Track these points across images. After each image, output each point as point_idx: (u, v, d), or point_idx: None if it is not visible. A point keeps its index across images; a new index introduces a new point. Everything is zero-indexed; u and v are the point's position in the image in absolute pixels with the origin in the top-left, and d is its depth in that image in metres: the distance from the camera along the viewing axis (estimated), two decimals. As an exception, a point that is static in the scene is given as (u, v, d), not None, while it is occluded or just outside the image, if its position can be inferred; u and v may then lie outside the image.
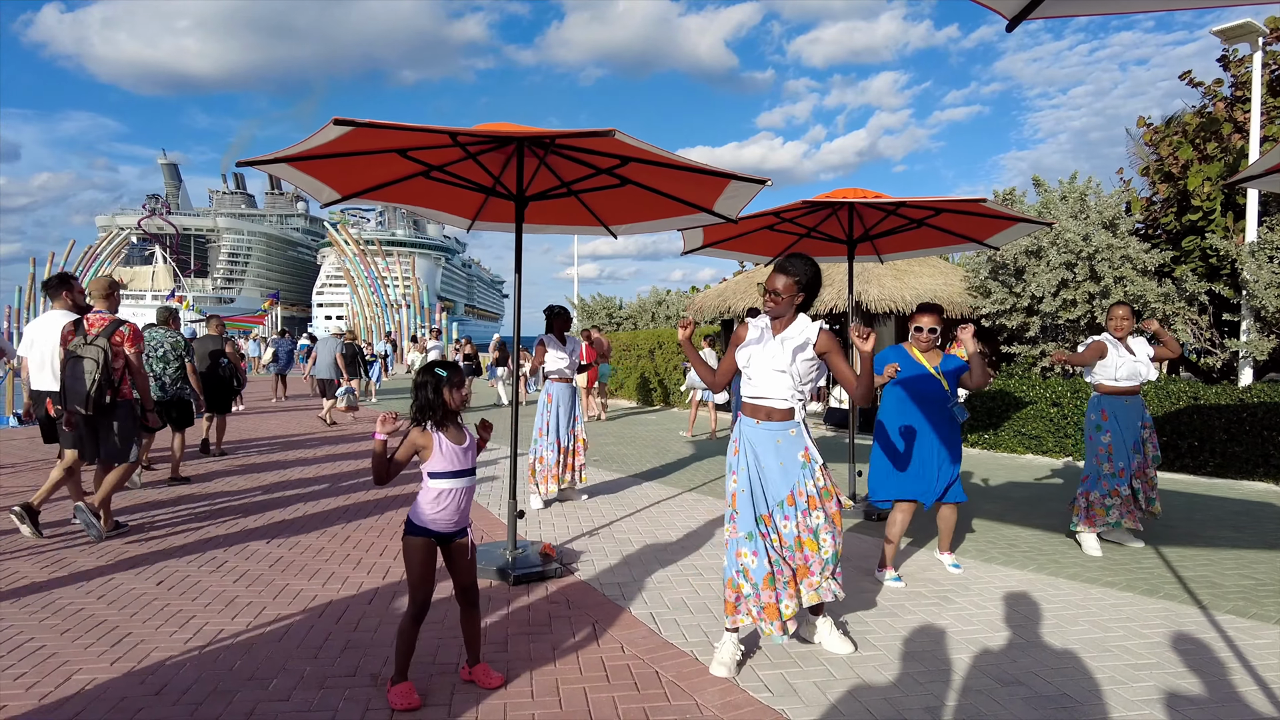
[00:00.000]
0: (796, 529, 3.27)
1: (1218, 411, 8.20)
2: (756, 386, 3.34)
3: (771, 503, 3.29)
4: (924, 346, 4.60)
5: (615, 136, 3.49)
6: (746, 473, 3.29)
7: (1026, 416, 9.76)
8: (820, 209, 6.01)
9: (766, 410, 3.32)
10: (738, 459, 3.34)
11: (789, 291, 3.28)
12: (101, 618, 3.81)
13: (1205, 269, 10.75)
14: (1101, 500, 5.21)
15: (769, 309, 3.34)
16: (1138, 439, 5.28)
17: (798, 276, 3.28)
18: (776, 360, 3.27)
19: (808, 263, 3.32)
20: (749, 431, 3.35)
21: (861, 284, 12.53)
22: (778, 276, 3.30)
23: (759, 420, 3.33)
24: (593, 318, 24.27)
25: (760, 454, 3.30)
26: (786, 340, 3.29)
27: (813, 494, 3.28)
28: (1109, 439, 5.24)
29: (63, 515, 5.83)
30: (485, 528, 5.75)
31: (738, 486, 3.30)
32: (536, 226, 5.86)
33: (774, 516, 3.29)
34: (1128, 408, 5.25)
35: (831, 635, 3.51)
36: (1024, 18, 2.15)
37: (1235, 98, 11.45)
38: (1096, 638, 3.67)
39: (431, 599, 2.98)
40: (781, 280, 3.29)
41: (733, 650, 3.28)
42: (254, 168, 4.07)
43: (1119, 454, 5.20)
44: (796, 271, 3.29)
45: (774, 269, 3.34)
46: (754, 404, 3.35)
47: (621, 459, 9.31)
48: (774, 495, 3.29)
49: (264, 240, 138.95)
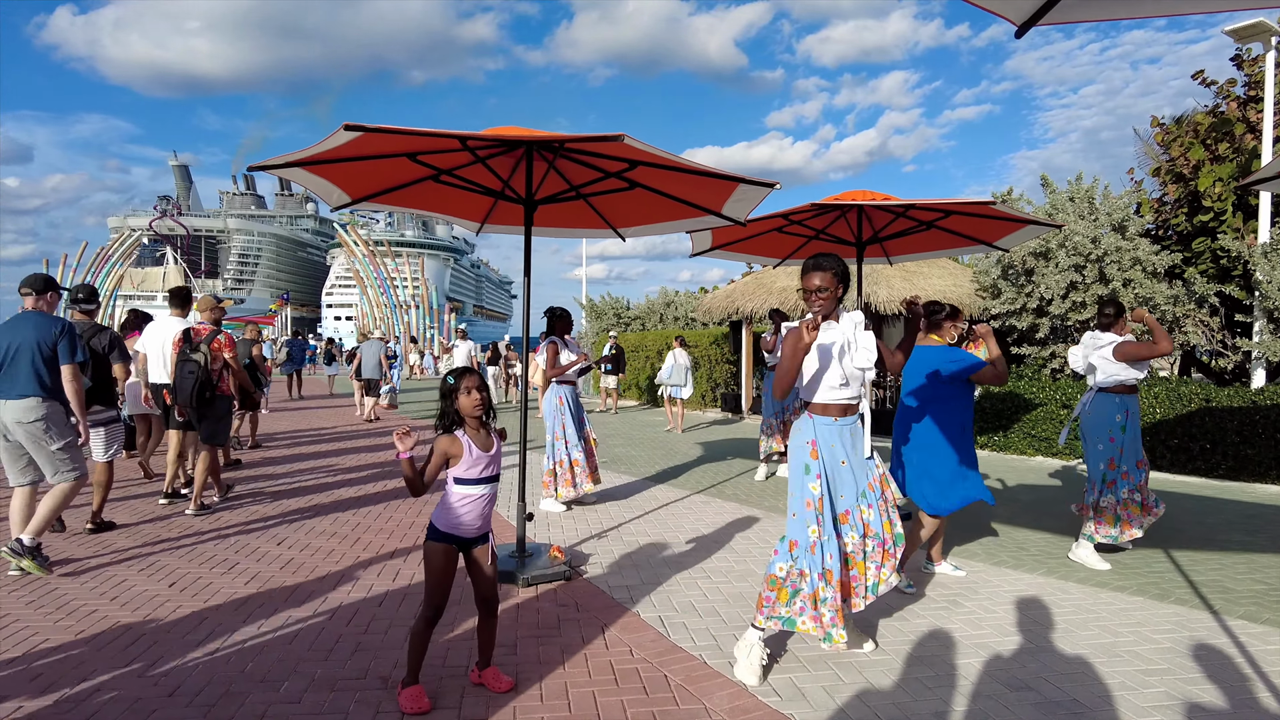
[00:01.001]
0: (883, 512, 3.37)
1: (1230, 414, 8.15)
2: (844, 387, 3.32)
3: (855, 496, 3.33)
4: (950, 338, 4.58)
5: (624, 141, 3.50)
6: (826, 474, 3.30)
7: (1036, 418, 9.72)
8: (829, 211, 6.00)
9: (843, 407, 3.35)
10: (818, 462, 3.30)
11: (832, 285, 3.28)
12: (115, 618, 3.85)
13: (1216, 270, 10.68)
14: (1115, 506, 5.02)
15: (819, 308, 3.30)
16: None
17: (835, 269, 3.29)
18: (861, 357, 3.28)
19: (836, 258, 3.33)
20: (827, 431, 3.33)
21: (871, 285, 12.50)
22: (816, 275, 3.28)
23: (836, 417, 3.34)
24: (601, 318, 24.29)
25: (840, 449, 3.32)
26: (860, 335, 3.31)
27: (878, 477, 3.43)
28: (1126, 438, 5.06)
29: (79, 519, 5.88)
30: (495, 530, 5.76)
31: (821, 490, 3.27)
32: (545, 230, 5.88)
33: (853, 511, 3.32)
34: (1138, 405, 5.21)
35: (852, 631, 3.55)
36: (1033, 24, 2.16)
37: (1248, 97, 11.38)
38: (1107, 643, 3.66)
39: (446, 604, 2.99)
40: (821, 277, 3.27)
41: (761, 654, 3.28)
42: (266, 171, 4.10)
43: (1128, 455, 5.08)
44: (832, 265, 3.29)
45: (809, 269, 3.31)
46: (833, 404, 3.34)
47: (630, 461, 9.32)
48: (859, 486, 3.34)
49: (274, 241, 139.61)
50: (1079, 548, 5.08)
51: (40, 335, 4.61)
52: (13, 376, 4.54)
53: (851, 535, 3.31)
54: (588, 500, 6.84)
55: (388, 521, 6.01)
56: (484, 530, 3.04)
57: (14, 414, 4.53)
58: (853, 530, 3.31)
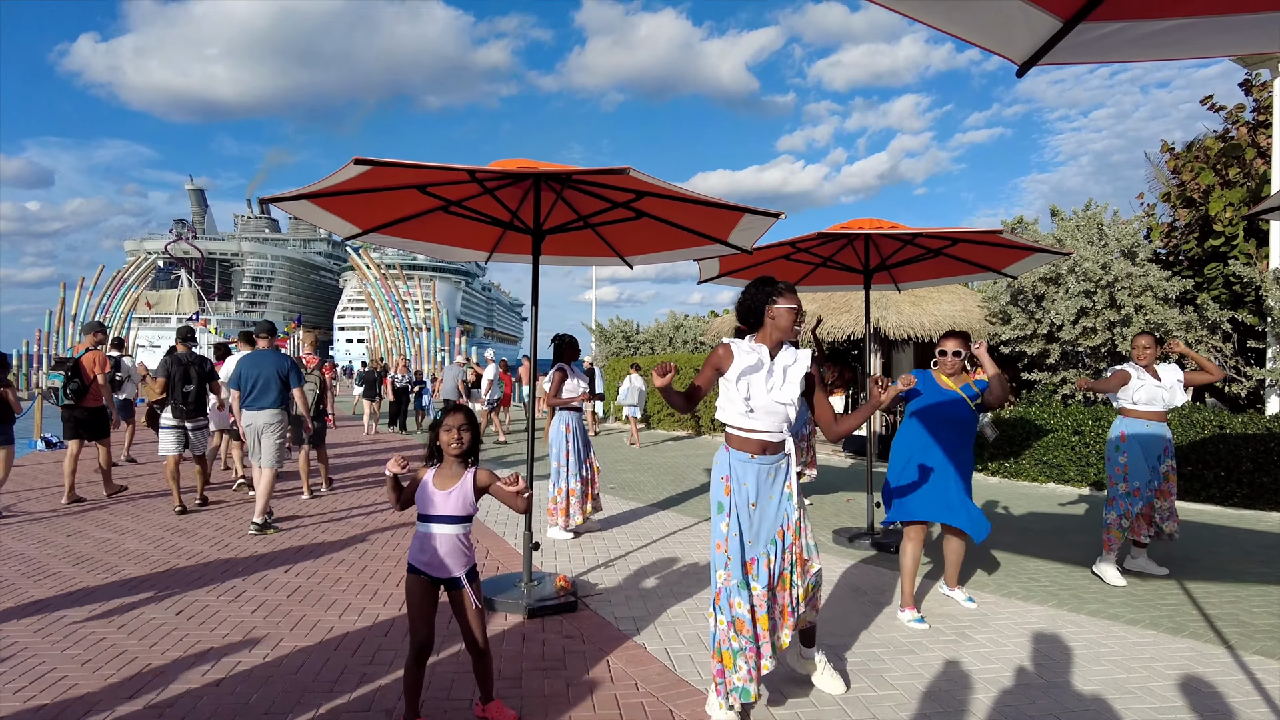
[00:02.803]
0: (785, 564, 3.10)
1: (1244, 441, 8.06)
2: (757, 419, 3.07)
3: (764, 541, 3.08)
4: (949, 371, 4.60)
5: (630, 174, 3.54)
6: (737, 514, 3.07)
7: (1047, 445, 9.64)
8: (836, 239, 6.02)
9: (762, 444, 3.10)
10: (729, 499, 3.08)
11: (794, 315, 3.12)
12: (122, 648, 3.85)
13: (1228, 296, 10.62)
14: (1118, 521, 5.34)
15: (792, 334, 3.14)
16: (1156, 464, 5.30)
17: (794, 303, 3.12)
18: (779, 392, 3.07)
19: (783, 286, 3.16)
20: (740, 468, 3.10)
21: (880, 310, 12.50)
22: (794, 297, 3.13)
23: (753, 455, 3.10)
24: (610, 342, 24.34)
25: (752, 489, 3.08)
26: (789, 369, 3.11)
27: (793, 525, 3.12)
28: (1125, 459, 5.36)
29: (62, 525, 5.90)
30: (501, 558, 5.76)
31: (729, 530, 3.05)
32: (553, 258, 5.93)
33: (760, 559, 3.07)
34: (1148, 431, 5.32)
35: (825, 673, 3.45)
36: (1033, 64, 2.19)
37: (1258, 122, 11.38)
38: (1119, 679, 3.60)
39: (431, 638, 2.96)
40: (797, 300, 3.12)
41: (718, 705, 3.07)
42: (277, 205, 4.17)
43: (1135, 474, 5.30)
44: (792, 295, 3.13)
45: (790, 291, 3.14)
46: (748, 438, 3.10)
47: (638, 486, 9.29)
48: (766, 531, 3.09)
49: (287, 264, 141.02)
50: (1102, 567, 5.36)
51: (277, 367, 6.69)
52: (263, 395, 6.64)
53: (755, 585, 3.04)
54: (594, 528, 6.83)
55: (395, 549, 6.01)
56: (452, 574, 2.91)
57: (264, 419, 6.63)
58: (756, 580, 3.04)
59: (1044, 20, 1.93)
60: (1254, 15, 1.83)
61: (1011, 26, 1.94)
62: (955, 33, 1.91)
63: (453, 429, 2.95)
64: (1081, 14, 1.89)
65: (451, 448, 2.95)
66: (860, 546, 6.21)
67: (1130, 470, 5.32)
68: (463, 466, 2.99)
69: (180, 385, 7.30)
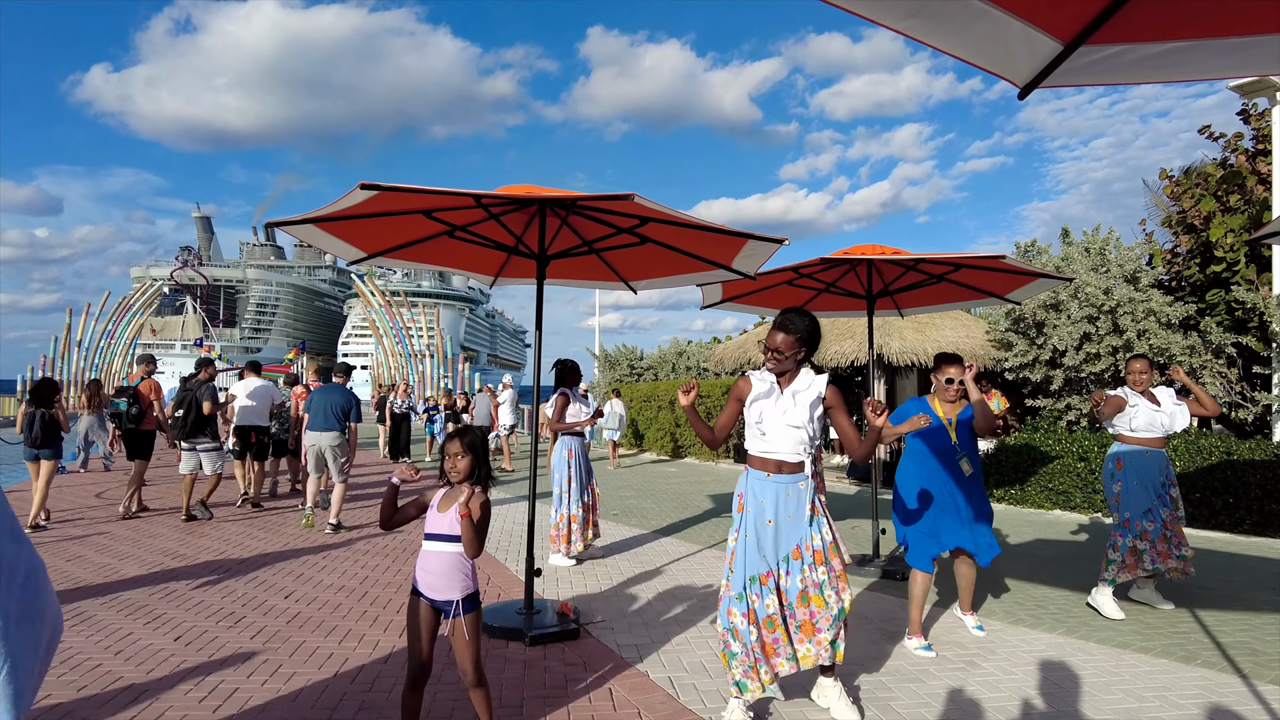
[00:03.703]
0: (802, 583, 3.20)
1: (1252, 467, 8.00)
2: (769, 441, 3.29)
3: (777, 557, 3.22)
4: (951, 398, 4.55)
5: (634, 200, 3.56)
6: (746, 529, 3.26)
7: (1053, 471, 9.58)
8: (839, 265, 6.04)
9: (777, 463, 3.27)
10: (741, 515, 3.30)
11: (790, 348, 3.27)
12: (119, 674, 3.81)
13: (1231, 322, 10.62)
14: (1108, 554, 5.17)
15: (771, 366, 3.33)
16: (1159, 492, 5.15)
17: (798, 333, 3.27)
18: (790, 415, 3.25)
19: (805, 317, 3.31)
20: (758, 485, 3.29)
21: (883, 336, 12.50)
22: (777, 334, 3.28)
23: (769, 473, 3.28)
24: (615, 368, 24.36)
25: (769, 507, 3.24)
26: (798, 394, 3.28)
27: (819, 548, 3.22)
28: (1119, 488, 5.23)
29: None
30: (503, 585, 5.71)
31: (736, 544, 3.28)
32: (558, 281, 5.96)
33: (775, 573, 3.21)
34: (1147, 459, 5.16)
35: (840, 702, 3.40)
36: (1035, 86, 2.21)
37: (1257, 150, 11.46)
38: (1131, 708, 3.54)
39: (428, 664, 2.92)
40: (781, 337, 3.27)
41: (741, 717, 3.24)
42: (283, 229, 4.20)
43: (1127, 504, 5.14)
44: (796, 328, 3.27)
45: (774, 326, 3.32)
46: (764, 458, 3.31)
47: (641, 513, 9.24)
48: (782, 548, 3.23)
49: (292, 291, 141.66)
50: (1098, 598, 5.14)
51: (342, 401, 7.98)
52: (327, 420, 7.85)
53: (770, 599, 3.19)
54: (597, 554, 6.77)
55: (396, 575, 5.96)
56: (447, 597, 2.88)
57: (327, 440, 7.87)
58: (770, 594, 3.19)
59: (1045, 43, 1.95)
60: (1253, 38, 1.85)
61: (1013, 49, 1.96)
62: (958, 55, 1.93)
63: (453, 455, 2.93)
64: (1082, 37, 1.91)
65: (452, 474, 2.94)
66: (866, 573, 6.15)
67: (1125, 500, 5.15)
68: (470, 490, 2.96)
69: (175, 410, 8.34)
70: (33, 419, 7.67)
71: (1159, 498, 5.13)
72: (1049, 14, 1.86)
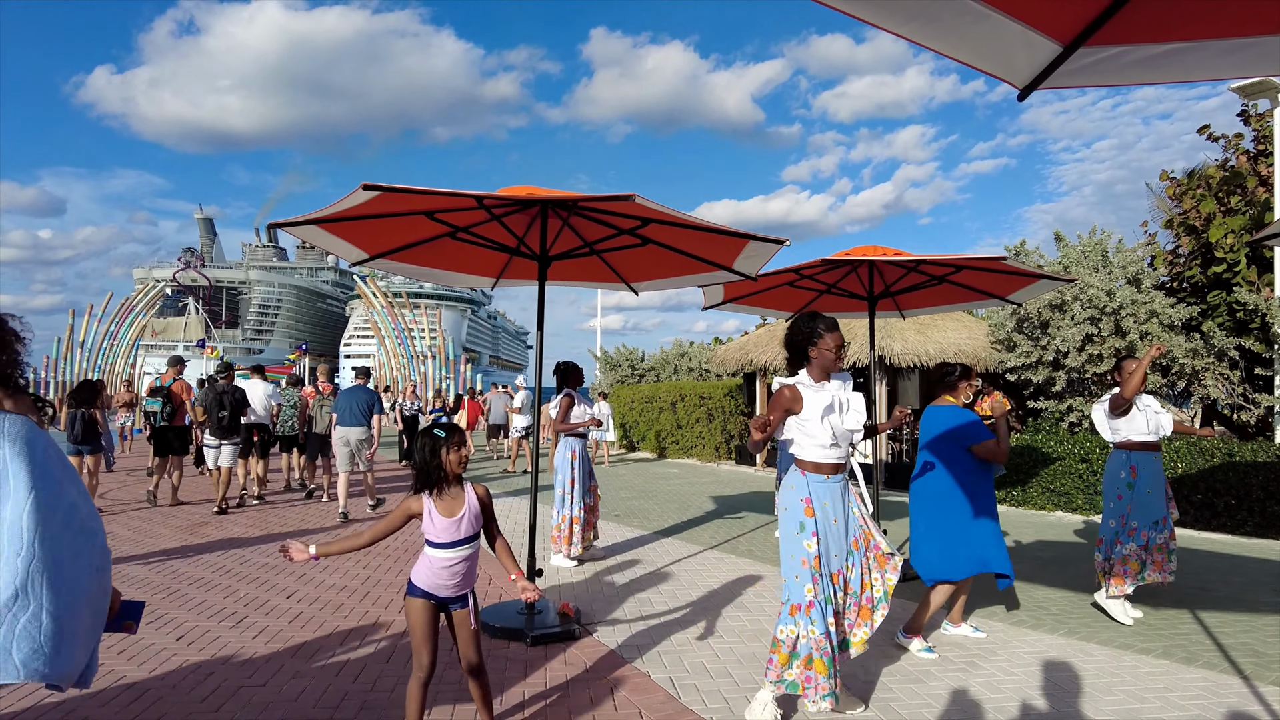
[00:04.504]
0: (862, 571, 3.40)
1: (1255, 469, 8.00)
2: (834, 446, 3.36)
3: (844, 555, 3.37)
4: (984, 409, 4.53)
5: (636, 201, 3.57)
6: (820, 532, 3.32)
7: (1055, 473, 9.58)
8: (840, 266, 6.05)
9: (834, 465, 3.39)
10: (813, 520, 3.31)
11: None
12: (121, 673, 3.82)
13: (1233, 323, 10.61)
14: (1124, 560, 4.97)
15: (842, 364, 3.46)
16: (1167, 500, 5.13)
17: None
18: (851, 419, 3.39)
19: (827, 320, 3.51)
20: (819, 488, 3.35)
21: (884, 338, 12.50)
22: (838, 334, 3.44)
23: (828, 475, 3.37)
24: (616, 370, 24.36)
25: (833, 507, 3.37)
26: (849, 399, 3.43)
27: (862, 532, 3.45)
28: (1131, 495, 5.04)
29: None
30: (503, 585, 5.72)
31: (818, 549, 3.29)
32: (560, 282, 5.97)
33: (842, 571, 3.36)
34: (1155, 464, 5.08)
35: None
36: (1034, 88, 2.22)
37: (1258, 151, 11.46)
38: (1132, 709, 3.54)
39: (436, 661, 2.93)
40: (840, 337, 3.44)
41: (774, 713, 3.29)
42: (286, 230, 4.21)
43: (1138, 512, 4.99)
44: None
45: (831, 327, 3.44)
46: (825, 462, 3.37)
47: (643, 514, 9.24)
48: (845, 544, 3.38)
49: (294, 292, 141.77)
50: (1108, 602, 5.00)
51: (367, 399, 8.98)
52: (355, 417, 8.83)
53: (841, 595, 3.36)
54: (598, 555, 6.78)
55: (397, 575, 5.97)
56: (462, 591, 2.91)
57: (355, 435, 8.82)
58: (841, 590, 3.36)
59: (1044, 45, 1.96)
60: (1252, 39, 1.85)
61: (1012, 51, 1.96)
62: (958, 58, 1.94)
63: (460, 448, 2.92)
64: (1081, 38, 1.91)
65: (454, 467, 2.90)
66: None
67: (1136, 508, 4.98)
68: (459, 485, 2.93)
69: (216, 411, 8.93)
70: (75, 418, 8.26)
71: (1166, 505, 5.07)
72: (1048, 16, 1.87)
